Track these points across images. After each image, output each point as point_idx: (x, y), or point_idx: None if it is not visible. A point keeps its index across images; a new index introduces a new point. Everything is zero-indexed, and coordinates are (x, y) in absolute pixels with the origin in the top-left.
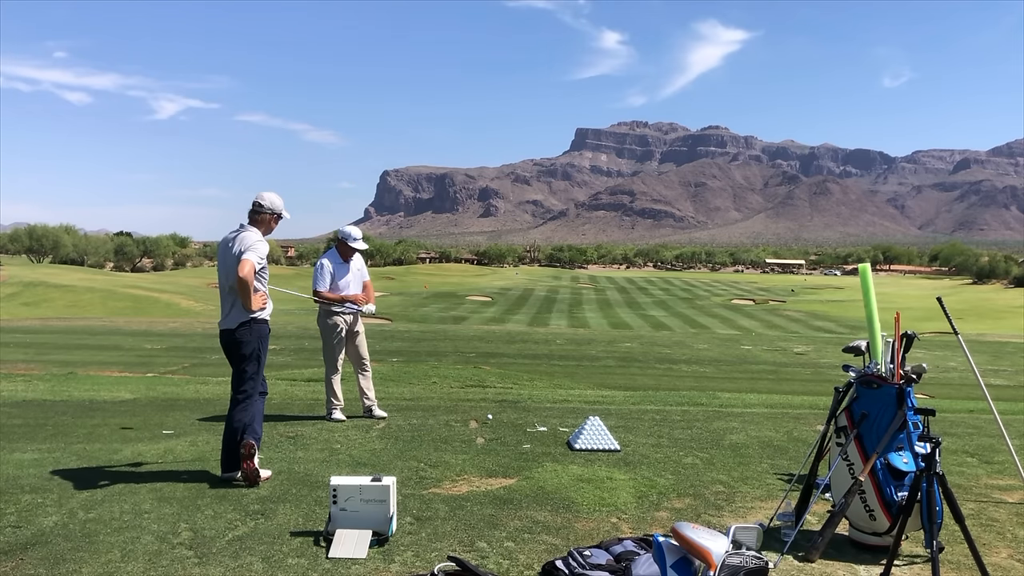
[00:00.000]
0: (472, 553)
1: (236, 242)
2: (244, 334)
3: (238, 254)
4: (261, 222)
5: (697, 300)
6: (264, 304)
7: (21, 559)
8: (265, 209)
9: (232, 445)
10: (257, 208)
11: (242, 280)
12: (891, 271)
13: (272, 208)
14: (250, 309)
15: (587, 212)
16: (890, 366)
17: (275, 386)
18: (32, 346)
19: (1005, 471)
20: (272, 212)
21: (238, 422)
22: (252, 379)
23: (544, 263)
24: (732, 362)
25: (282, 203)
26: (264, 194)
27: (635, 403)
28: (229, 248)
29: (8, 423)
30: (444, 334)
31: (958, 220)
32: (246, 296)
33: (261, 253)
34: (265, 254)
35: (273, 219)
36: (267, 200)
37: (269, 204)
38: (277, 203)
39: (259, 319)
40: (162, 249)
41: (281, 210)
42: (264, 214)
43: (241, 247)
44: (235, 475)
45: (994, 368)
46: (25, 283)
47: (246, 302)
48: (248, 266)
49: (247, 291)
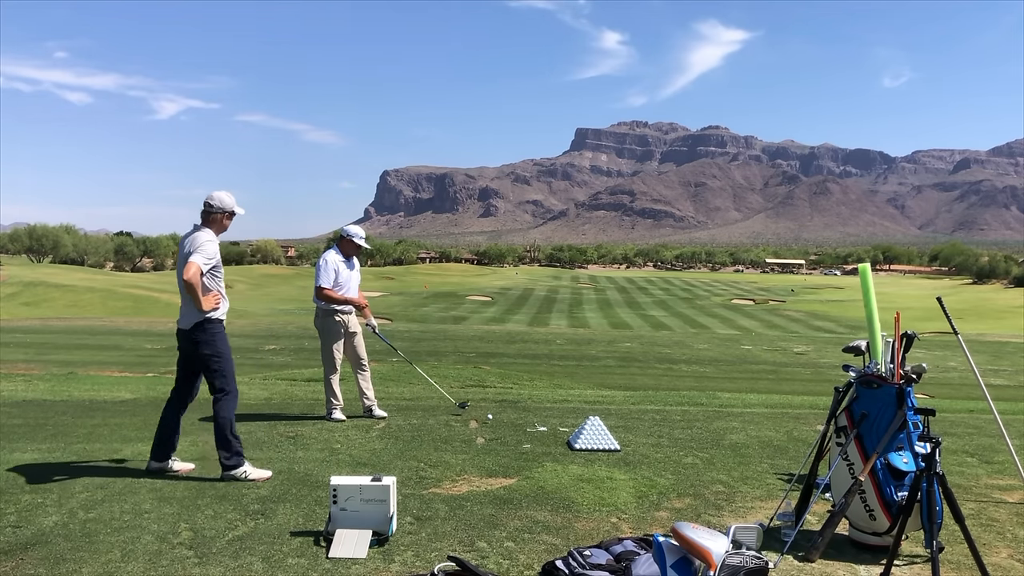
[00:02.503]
0: (472, 553)
1: (187, 243)
2: (200, 335)
3: (186, 255)
4: (214, 222)
5: (697, 300)
6: (217, 304)
7: (21, 559)
8: (215, 208)
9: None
10: (207, 208)
11: (186, 282)
12: (891, 271)
13: (223, 207)
14: (202, 310)
15: (587, 212)
16: (890, 366)
17: (275, 386)
18: (32, 346)
19: (1005, 471)
20: (223, 211)
21: (223, 419)
22: (224, 376)
23: (544, 263)
24: (732, 362)
25: (233, 200)
26: (214, 193)
27: (635, 403)
28: (183, 249)
29: (8, 423)
30: (444, 334)
31: (958, 220)
32: (195, 297)
33: (208, 253)
34: (214, 254)
35: (225, 217)
36: (217, 199)
37: (219, 203)
38: (227, 201)
39: (213, 319)
40: (162, 249)
41: (233, 207)
42: (215, 213)
43: (190, 248)
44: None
45: (994, 368)
46: (25, 283)
47: (196, 303)
48: (193, 268)
49: (194, 292)
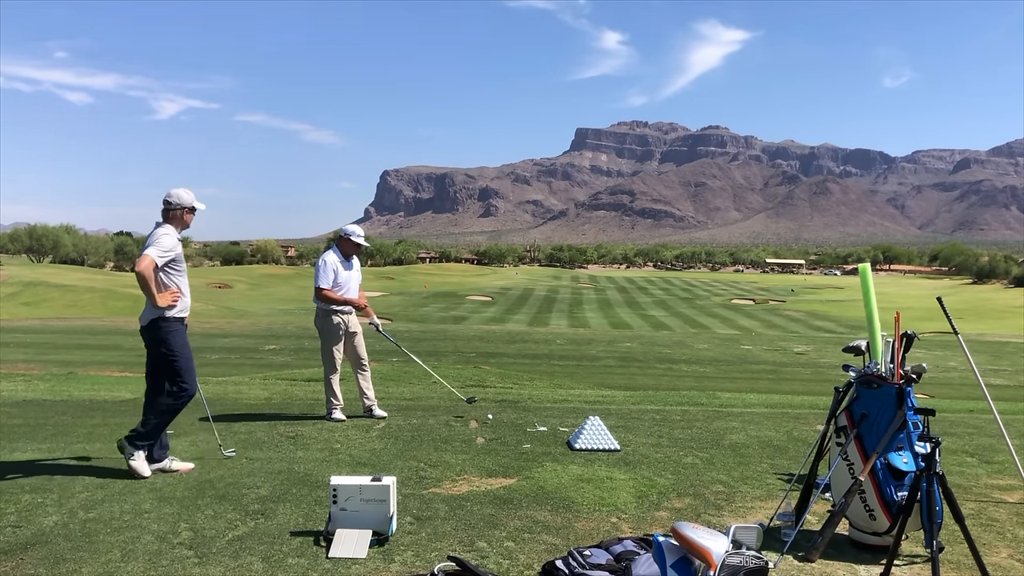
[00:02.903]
0: (472, 553)
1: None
2: (157, 332)
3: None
4: (174, 218)
5: (697, 300)
6: (175, 301)
7: (21, 559)
8: (174, 205)
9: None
10: (167, 205)
11: (137, 274)
12: (891, 271)
13: (180, 203)
14: (156, 305)
15: (587, 212)
16: (890, 366)
17: (275, 386)
18: (32, 346)
19: (1005, 471)
20: (181, 206)
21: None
22: (179, 375)
23: (544, 263)
24: (732, 362)
25: (191, 196)
26: (172, 190)
27: (635, 403)
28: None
29: (8, 423)
30: (444, 334)
31: (958, 220)
32: (146, 291)
33: (164, 246)
34: (169, 248)
35: (185, 212)
36: (175, 196)
37: (177, 199)
38: (185, 197)
39: (170, 316)
40: None
41: (192, 203)
42: (175, 210)
43: (148, 242)
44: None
45: (994, 368)
46: (25, 283)
47: (151, 298)
48: (144, 261)
49: (145, 286)
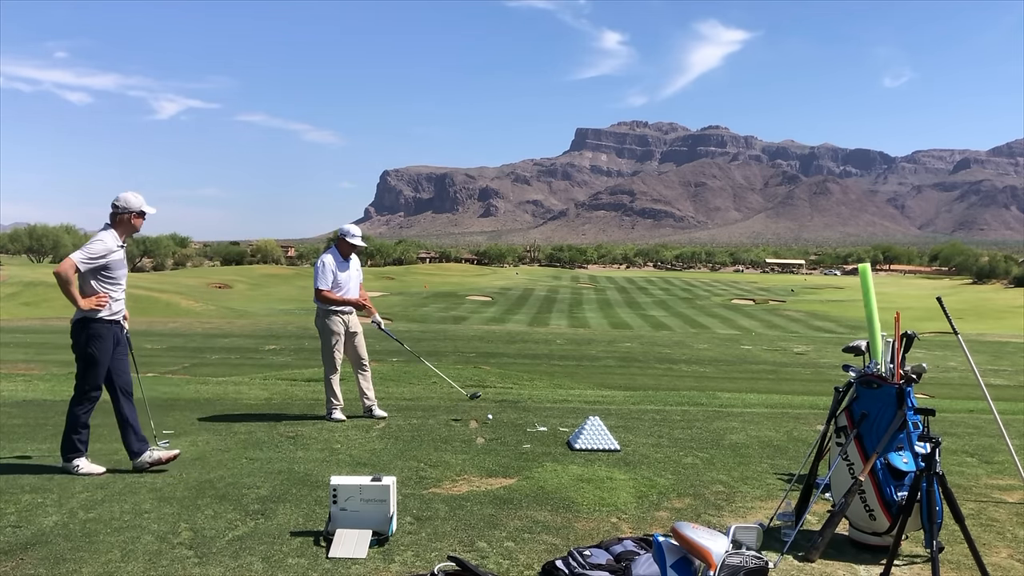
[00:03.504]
0: (472, 553)
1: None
2: (80, 332)
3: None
4: (120, 222)
5: (697, 300)
6: (101, 306)
7: (21, 559)
8: (120, 209)
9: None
10: (113, 209)
11: (55, 274)
12: (891, 271)
13: (127, 207)
14: (78, 307)
15: (587, 212)
16: (890, 366)
17: (275, 386)
18: (32, 346)
19: (1005, 471)
20: (128, 211)
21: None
22: (89, 378)
23: (544, 263)
24: (732, 362)
25: (140, 200)
26: (120, 194)
27: (635, 403)
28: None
29: (8, 423)
30: (444, 334)
31: (958, 220)
32: (64, 292)
33: (92, 252)
34: (98, 253)
35: (133, 217)
36: (122, 200)
37: (124, 203)
38: (133, 201)
39: (95, 319)
40: (162, 249)
41: (140, 207)
42: (121, 214)
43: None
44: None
45: (994, 368)
46: (25, 283)
47: (69, 298)
48: (65, 264)
49: (63, 287)
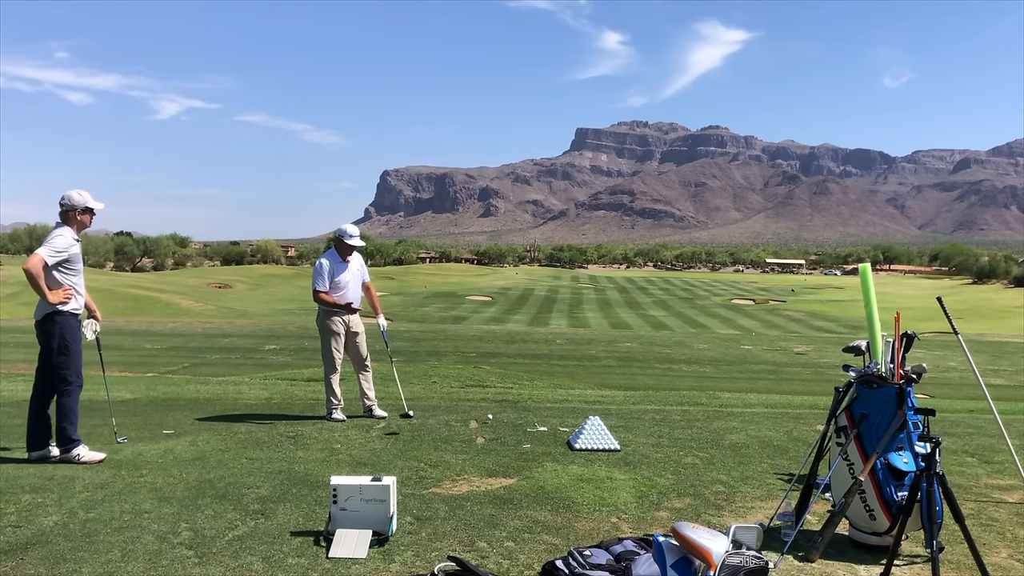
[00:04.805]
0: (472, 553)
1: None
2: (49, 326)
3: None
4: (71, 219)
5: (697, 300)
6: (67, 298)
7: (21, 559)
8: (67, 206)
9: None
10: (62, 208)
11: (25, 271)
12: (891, 271)
13: (72, 204)
14: (48, 302)
15: (587, 212)
16: (890, 366)
17: (275, 386)
18: (32, 346)
19: (1005, 471)
20: (75, 208)
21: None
22: (65, 370)
23: (544, 263)
24: (732, 362)
25: (84, 197)
26: (66, 192)
27: (635, 403)
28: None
29: (8, 423)
30: (444, 334)
31: (958, 220)
32: (35, 288)
33: (56, 247)
34: (62, 248)
35: (79, 213)
36: (67, 198)
37: (69, 201)
38: (77, 199)
39: (63, 312)
40: (162, 249)
41: (86, 203)
42: (69, 211)
43: (44, 242)
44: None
45: (994, 368)
46: (25, 283)
47: (40, 294)
48: (33, 259)
49: (33, 283)
